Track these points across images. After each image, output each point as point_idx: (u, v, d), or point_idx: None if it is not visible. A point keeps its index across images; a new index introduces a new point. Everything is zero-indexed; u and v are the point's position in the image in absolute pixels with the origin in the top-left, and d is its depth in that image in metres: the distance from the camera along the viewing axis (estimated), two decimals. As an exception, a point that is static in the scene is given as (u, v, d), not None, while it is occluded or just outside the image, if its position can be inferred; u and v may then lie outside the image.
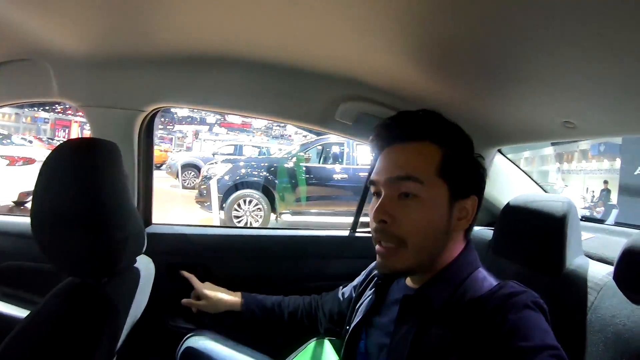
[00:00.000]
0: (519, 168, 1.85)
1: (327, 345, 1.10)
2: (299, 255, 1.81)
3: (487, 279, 0.87)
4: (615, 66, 0.83)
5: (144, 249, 1.17)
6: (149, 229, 1.71)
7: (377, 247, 0.90)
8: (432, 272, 0.89)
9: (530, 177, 1.87)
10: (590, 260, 1.20)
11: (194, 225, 1.86)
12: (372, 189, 0.93)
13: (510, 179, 1.80)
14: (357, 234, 1.94)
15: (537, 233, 1.18)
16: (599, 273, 1.09)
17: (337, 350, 1.09)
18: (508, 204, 1.26)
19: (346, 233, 1.94)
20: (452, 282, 0.86)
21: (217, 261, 1.73)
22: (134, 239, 1.08)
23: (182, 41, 1.27)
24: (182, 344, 1.28)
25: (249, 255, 1.76)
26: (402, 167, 0.86)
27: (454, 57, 1.05)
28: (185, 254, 1.71)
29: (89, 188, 0.93)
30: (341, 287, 1.32)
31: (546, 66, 0.92)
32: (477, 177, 0.91)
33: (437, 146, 0.87)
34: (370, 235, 1.90)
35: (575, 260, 1.16)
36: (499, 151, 1.73)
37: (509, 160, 1.82)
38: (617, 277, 0.98)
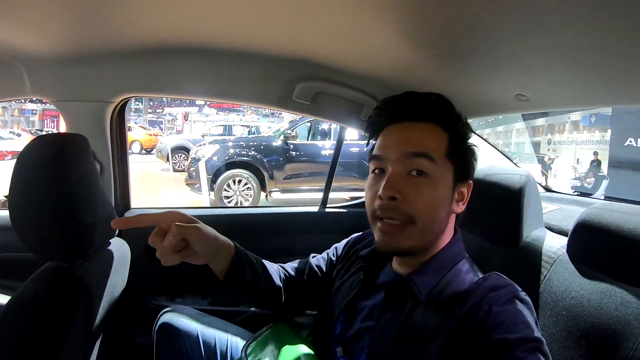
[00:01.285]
0: (485, 140, 1.89)
1: (291, 325, 1.10)
2: (272, 232, 1.89)
3: (471, 271, 0.88)
4: (562, 40, 0.84)
5: (117, 232, 1.24)
6: (128, 213, 1.79)
7: (378, 224, 0.86)
8: (421, 259, 0.89)
9: (496, 148, 1.91)
10: (548, 232, 1.23)
11: (171, 208, 1.93)
12: (373, 165, 0.90)
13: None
14: (327, 210, 2.02)
15: (494, 206, 1.21)
16: (554, 246, 1.11)
17: (301, 327, 1.11)
18: None
19: (316, 209, 2.02)
20: (440, 271, 0.87)
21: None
22: (104, 224, 1.14)
23: (142, 33, 1.32)
24: (157, 320, 1.28)
25: (223, 234, 1.79)
26: (416, 144, 0.84)
27: (411, 33, 1.05)
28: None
29: (59, 179, 1.00)
30: (313, 261, 1.19)
31: (497, 40, 0.93)
32: (473, 163, 0.93)
33: (443, 129, 0.88)
34: (339, 210, 2.00)
35: (533, 233, 1.20)
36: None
37: (474, 133, 1.84)
38: (570, 250, 1.03)
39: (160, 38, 1.35)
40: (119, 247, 1.30)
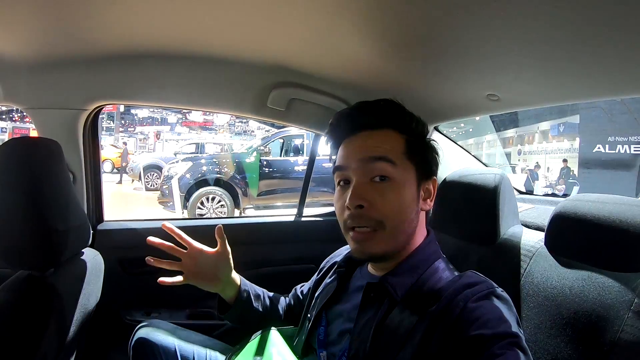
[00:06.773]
0: (457, 144, 1.92)
1: (275, 334, 1.09)
2: (249, 242, 1.87)
3: (447, 270, 0.89)
4: (531, 36, 0.85)
5: (90, 242, 1.22)
6: (101, 226, 1.75)
7: (351, 234, 0.89)
8: (395, 260, 0.91)
9: (468, 152, 1.95)
10: (525, 228, 1.25)
11: (145, 219, 1.89)
12: (337, 177, 0.93)
13: (448, 156, 1.86)
14: (302, 219, 2.03)
15: (471, 205, 1.23)
16: (532, 240, 1.14)
17: (288, 338, 1.09)
18: (445, 179, 1.31)
19: (292, 219, 2.03)
20: (415, 271, 0.88)
21: (169, 253, 1.77)
22: (77, 231, 1.12)
23: (117, 39, 1.30)
24: (133, 335, 1.26)
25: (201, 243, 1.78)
26: (374, 149, 0.87)
27: (382, 36, 1.07)
28: (137, 248, 1.74)
29: (30, 183, 0.98)
30: (298, 287, 1.31)
31: (467, 39, 0.95)
32: (435, 159, 0.96)
33: (398, 133, 0.91)
34: (314, 219, 2.01)
35: (510, 230, 1.21)
36: (436, 129, 1.79)
37: (446, 137, 1.88)
38: (548, 242, 1.04)
39: (134, 44, 1.34)
40: (92, 258, 1.27)
